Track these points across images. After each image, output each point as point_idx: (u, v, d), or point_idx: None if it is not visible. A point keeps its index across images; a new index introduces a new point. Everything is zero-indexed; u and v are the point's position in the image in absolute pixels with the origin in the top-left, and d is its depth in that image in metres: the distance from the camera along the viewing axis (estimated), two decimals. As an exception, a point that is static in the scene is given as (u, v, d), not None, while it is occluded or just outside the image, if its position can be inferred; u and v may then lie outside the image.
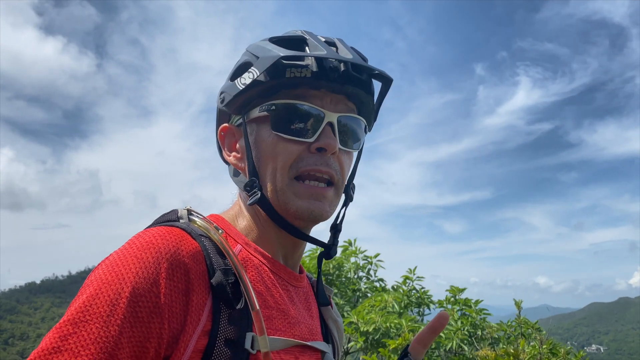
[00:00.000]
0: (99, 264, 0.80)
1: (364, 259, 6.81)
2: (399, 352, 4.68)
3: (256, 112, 0.93)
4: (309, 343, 0.92)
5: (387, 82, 0.97)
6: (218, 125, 1.03)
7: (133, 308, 0.72)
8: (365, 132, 1.01)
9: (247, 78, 0.91)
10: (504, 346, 4.89)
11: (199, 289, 0.78)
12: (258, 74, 0.89)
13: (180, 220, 0.87)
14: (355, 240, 6.80)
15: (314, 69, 0.88)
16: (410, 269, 6.39)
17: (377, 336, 5.16)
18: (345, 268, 6.64)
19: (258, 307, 0.80)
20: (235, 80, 0.94)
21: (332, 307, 1.08)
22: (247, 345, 0.78)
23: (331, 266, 6.43)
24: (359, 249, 6.80)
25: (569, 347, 4.82)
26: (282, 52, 0.88)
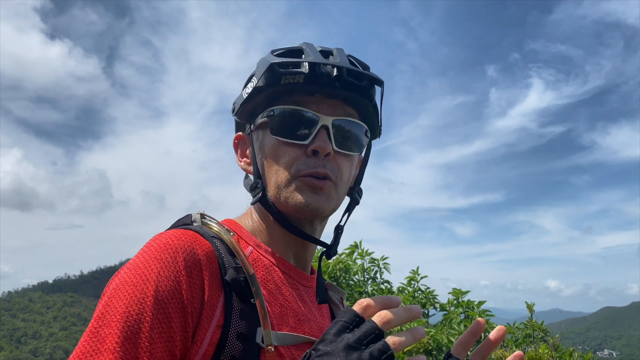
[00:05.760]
0: (119, 270, 0.85)
1: (370, 262, 6.76)
2: (413, 353, 4.67)
3: (259, 119, 1.00)
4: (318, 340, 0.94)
5: (381, 84, 1.01)
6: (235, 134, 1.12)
7: (160, 306, 0.78)
8: (367, 136, 1.05)
9: (249, 87, 1.00)
10: (513, 349, 4.83)
11: (213, 286, 0.84)
12: (257, 82, 0.97)
13: (194, 224, 0.94)
14: (361, 242, 6.72)
15: (306, 73, 0.93)
16: (413, 270, 6.34)
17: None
18: (352, 271, 6.60)
19: (265, 303, 0.86)
20: (243, 91, 1.03)
21: (343, 307, 1.14)
22: (258, 340, 0.84)
23: (338, 268, 6.39)
24: (366, 251, 6.75)
25: (571, 350, 4.74)
26: (274, 59, 0.95)
